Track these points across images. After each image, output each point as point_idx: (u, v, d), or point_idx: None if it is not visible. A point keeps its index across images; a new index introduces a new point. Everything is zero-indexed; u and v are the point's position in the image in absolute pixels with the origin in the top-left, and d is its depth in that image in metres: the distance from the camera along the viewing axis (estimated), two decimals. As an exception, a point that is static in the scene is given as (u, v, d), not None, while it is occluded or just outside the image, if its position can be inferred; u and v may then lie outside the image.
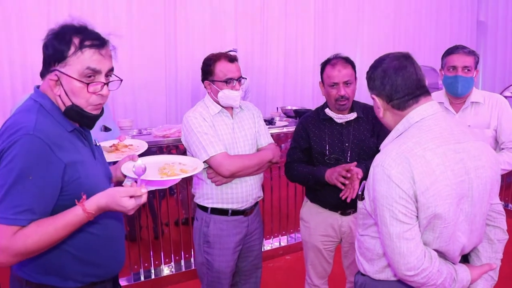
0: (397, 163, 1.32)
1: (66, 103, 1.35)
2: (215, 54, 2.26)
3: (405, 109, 1.44)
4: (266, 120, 3.86)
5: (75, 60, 1.31)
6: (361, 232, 1.57)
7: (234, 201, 2.25)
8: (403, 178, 1.31)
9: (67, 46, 1.30)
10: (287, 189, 3.98)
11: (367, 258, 1.54)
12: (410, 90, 1.43)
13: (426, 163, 1.31)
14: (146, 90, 4.88)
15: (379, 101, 1.49)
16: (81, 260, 1.42)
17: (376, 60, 1.52)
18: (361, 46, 6.34)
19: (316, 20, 5.89)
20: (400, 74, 1.43)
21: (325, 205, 2.38)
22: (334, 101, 2.26)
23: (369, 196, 1.44)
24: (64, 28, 1.33)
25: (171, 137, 3.32)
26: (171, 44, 4.98)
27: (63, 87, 1.32)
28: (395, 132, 1.47)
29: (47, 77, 1.34)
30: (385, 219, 1.34)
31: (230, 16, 5.29)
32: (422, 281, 1.35)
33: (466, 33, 7.27)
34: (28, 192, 1.23)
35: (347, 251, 2.48)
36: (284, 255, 3.98)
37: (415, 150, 1.33)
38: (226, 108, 2.26)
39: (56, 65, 1.31)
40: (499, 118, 2.42)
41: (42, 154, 1.24)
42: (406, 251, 1.32)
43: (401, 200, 1.31)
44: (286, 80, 5.81)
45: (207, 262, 2.29)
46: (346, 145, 2.28)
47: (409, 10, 6.67)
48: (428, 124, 1.40)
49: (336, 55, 2.31)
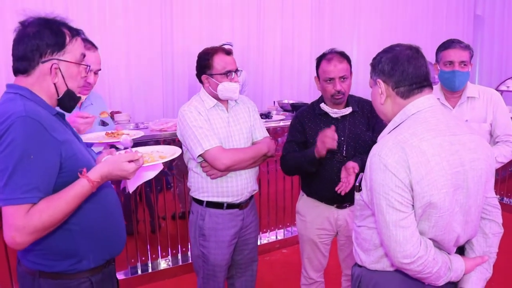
0: (393, 153, 1.34)
1: (61, 89, 1.44)
2: (211, 47, 2.27)
3: (408, 97, 1.46)
4: (263, 114, 3.87)
5: (71, 47, 1.43)
6: (358, 223, 1.59)
7: (230, 194, 2.26)
8: (399, 167, 1.33)
9: (63, 36, 1.41)
10: (284, 182, 3.99)
11: (364, 248, 1.56)
12: (418, 80, 1.45)
13: (421, 153, 1.33)
14: (143, 84, 4.88)
15: (384, 86, 1.49)
16: (88, 236, 1.48)
17: (387, 47, 1.54)
18: (357, 40, 6.35)
19: (312, 14, 5.88)
20: (413, 63, 1.45)
21: (321, 198, 2.39)
22: (330, 96, 2.26)
23: (366, 186, 1.46)
24: (49, 21, 1.42)
25: (168, 131, 3.32)
26: (167, 39, 4.98)
27: (62, 74, 1.42)
28: (392, 124, 1.49)
29: (41, 67, 1.39)
30: (381, 208, 1.36)
31: (227, 11, 5.28)
32: (418, 269, 1.37)
33: (463, 27, 7.27)
34: (32, 171, 1.28)
35: (343, 244, 2.50)
36: (281, 248, 4.00)
37: (411, 141, 1.35)
38: (221, 102, 2.27)
39: (54, 55, 1.39)
40: (494, 112, 2.44)
41: (38, 133, 1.30)
42: (402, 239, 1.34)
43: (397, 188, 1.33)
44: (283, 74, 5.81)
45: (203, 255, 2.31)
46: (342, 139, 2.29)
47: (406, 5, 6.67)
48: (424, 116, 1.42)
49: (332, 49, 2.30)
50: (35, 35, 1.37)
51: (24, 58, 1.38)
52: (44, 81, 1.41)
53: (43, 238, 1.35)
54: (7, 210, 1.26)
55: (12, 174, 1.25)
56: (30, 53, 1.38)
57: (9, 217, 1.25)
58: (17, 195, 1.25)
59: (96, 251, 1.52)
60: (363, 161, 2.19)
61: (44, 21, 1.41)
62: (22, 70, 1.40)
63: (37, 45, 1.37)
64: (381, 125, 2.37)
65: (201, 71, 2.24)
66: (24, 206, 1.26)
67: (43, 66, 1.39)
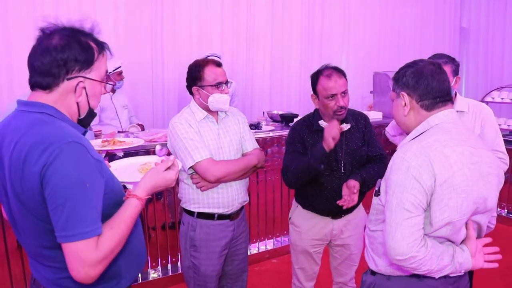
0: (417, 156, 1.40)
1: (83, 108, 1.34)
2: (202, 59, 2.30)
3: (432, 110, 1.52)
4: (252, 125, 3.89)
5: (98, 64, 1.33)
6: (372, 227, 1.64)
7: (220, 205, 2.28)
8: (423, 170, 1.38)
9: (92, 52, 1.31)
10: (273, 193, 4.01)
11: (380, 252, 1.59)
12: (442, 94, 1.52)
13: (445, 158, 1.39)
14: (132, 94, 4.88)
15: (407, 98, 1.55)
16: (127, 255, 1.42)
17: (410, 62, 1.59)
18: (346, 53, 6.41)
19: (302, 25, 5.94)
20: (436, 78, 1.51)
21: (318, 211, 2.40)
22: (332, 113, 2.24)
23: (385, 187, 1.51)
24: (76, 33, 1.31)
25: (157, 141, 3.33)
26: (157, 50, 4.99)
27: (86, 92, 1.32)
28: (415, 132, 1.54)
29: (66, 84, 1.28)
30: (391, 205, 1.42)
31: (217, 21, 5.31)
32: (413, 266, 1.42)
33: (449, 40, 7.39)
34: (91, 200, 1.20)
35: (337, 252, 2.50)
36: (271, 258, 4.01)
37: (434, 146, 1.41)
38: (211, 114, 2.29)
39: (81, 72, 1.29)
40: (482, 127, 2.41)
41: (86, 158, 1.21)
42: (400, 237, 1.39)
43: (413, 190, 1.39)
44: (273, 84, 5.84)
45: (194, 266, 2.31)
46: (340, 155, 2.30)
47: (394, 18, 6.77)
48: (447, 126, 1.49)
49: (326, 65, 2.30)
50: (64, 48, 1.25)
51: (49, 73, 1.25)
52: (66, 99, 1.29)
53: None
54: (75, 246, 1.16)
55: (72, 208, 1.16)
56: (56, 68, 1.25)
57: (79, 253, 1.16)
58: (82, 229, 1.16)
59: (132, 269, 1.47)
60: (362, 177, 2.23)
61: (71, 32, 1.30)
62: (44, 85, 1.27)
63: (65, 60, 1.25)
64: (375, 139, 2.41)
65: (192, 83, 2.26)
66: (93, 239, 1.18)
67: (68, 83, 1.27)
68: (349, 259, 2.49)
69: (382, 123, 4.36)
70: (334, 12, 6.20)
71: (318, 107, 2.34)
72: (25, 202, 1.21)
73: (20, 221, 1.29)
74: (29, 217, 1.24)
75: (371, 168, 2.31)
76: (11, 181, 1.22)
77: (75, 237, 1.16)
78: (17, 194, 1.21)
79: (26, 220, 1.26)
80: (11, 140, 1.22)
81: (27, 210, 1.22)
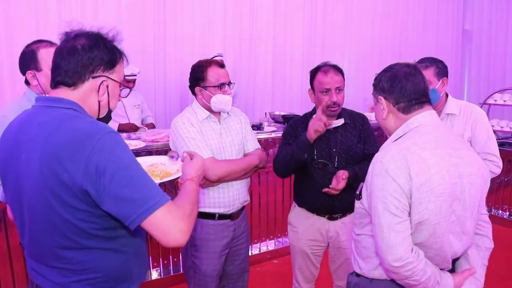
0: (395, 159, 1.41)
1: (104, 108, 1.38)
2: (205, 60, 2.31)
3: (410, 113, 1.53)
4: (254, 125, 3.91)
5: (118, 67, 1.39)
6: (357, 231, 1.64)
7: (221, 205, 2.28)
8: (400, 173, 1.39)
9: (115, 53, 1.37)
10: (275, 194, 4.02)
11: (364, 256, 1.61)
12: (417, 96, 1.53)
13: (422, 161, 1.40)
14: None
15: (385, 102, 1.57)
16: (137, 258, 1.44)
17: (386, 67, 1.62)
18: (348, 54, 6.41)
19: (305, 26, 5.95)
20: (410, 80, 1.53)
21: (312, 209, 2.42)
22: (325, 107, 2.29)
23: (367, 191, 1.52)
24: (102, 36, 1.36)
25: (160, 141, 3.34)
26: (160, 50, 5.00)
27: (109, 92, 1.36)
28: (394, 135, 1.56)
29: (90, 83, 1.32)
30: (378, 211, 1.42)
31: (219, 22, 5.32)
32: (406, 274, 1.41)
33: (451, 42, 7.39)
34: (147, 175, 1.24)
35: (334, 255, 2.52)
36: (272, 259, 4.01)
37: (412, 149, 1.42)
38: (213, 114, 2.30)
39: (105, 72, 1.34)
40: (472, 129, 2.36)
41: (126, 145, 1.26)
42: (394, 242, 1.39)
43: (395, 193, 1.39)
44: (275, 85, 5.85)
45: (194, 266, 2.32)
46: (334, 150, 2.33)
47: (396, 19, 6.77)
48: (426, 129, 1.49)
49: (326, 62, 2.36)
50: (91, 48, 1.31)
51: (75, 71, 1.30)
52: (89, 97, 1.33)
53: (103, 263, 1.31)
54: (155, 218, 1.18)
55: (136, 186, 1.18)
56: (82, 67, 1.30)
57: (165, 221, 1.19)
58: (154, 200, 1.19)
59: (140, 273, 1.48)
60: (354, 171, 2.25)
61: (98, 35, 1.35)
62: (70, 83, 1.30)
63: (92, 59, 1.30)
64: (372, 138, 2.43)
65: (195, 83, 2.27)
66: (167, 204, 1.20)
67: (93, 82, 1.32)
68: (345, 263, 2.49)
69: (384, 125, 4.35)
70: (337, 13, 6.20)
71: (314, 101, 2.40)
72: (59, 197, 1.21)
73: (40, 220, 1.27)
74: (55, 214, 1.23)
75: (365, 164, 2.32)
76: (42, 176, 1.21)
77: (151, 208, 1.18)
78: (50, 189, 1.21)
79: (50, 218, 1.24)
80: (39, 134, 1.23)
81: (58, 205, 1.22)
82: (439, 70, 2.36)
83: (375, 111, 1.66)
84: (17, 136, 1.30)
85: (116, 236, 1.33)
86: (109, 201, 1.18)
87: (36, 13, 4.17)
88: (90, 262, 1.30)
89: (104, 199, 1.18)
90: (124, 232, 1.34)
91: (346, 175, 2.20)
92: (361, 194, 1.59)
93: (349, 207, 2.37)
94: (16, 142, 1.29)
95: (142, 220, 1.17)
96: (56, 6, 4.28)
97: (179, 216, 1.22)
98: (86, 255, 1.29)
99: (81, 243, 1.26)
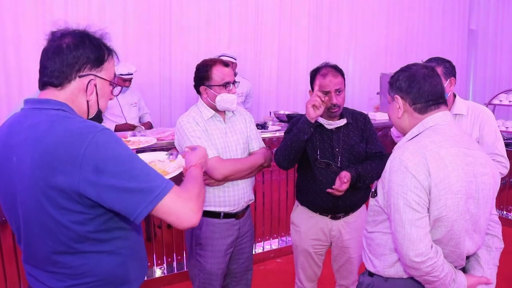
0: (414, 156, 1.43)
1: (93, 108, 1.35)
2: (210, 59, 2.31)
3: (425, 113, 1.55)
4: (259, 124, 3.91)
5: (107, 65, 1.35)
6: (370, 229, 1.65)
7: (226, 204, 2.29)
8: (419, 169, 1.41)
9: (102, 51, 1.33)
10: (279, 193, 4.02)
11: (377, 254, 1.62)
12: (434, 97, 1.54)
13: (440, 159, 1.42)
14: (140, 93, 4.92)
15: (401, 102, 1.58)
16: (135, 260, 1.42)
17: (404, 66, 1.63)
18: (353, 53, 6.41)
19: (310, 26, 5.95)
20: (428, 81, 1.54)
21: (315, 208, 2.43)
22: (326, 109, 2.31)
23: (384, 189, 1.53)
24: (88, 34, 1.33)
25: (165, 140, 3.35)
26: (165, 49, 5.02)
27: (97, 91, 1.33)
28: (410, 134, 1.57)
29: (77, 82, 1.29)
30: (398, 207, 1.44)
31: (225, 21, 5.34)
32: (427, 270, 1.43)
33: (457, 42, 7.36)
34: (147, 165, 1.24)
35: (337, 255, 2.52)
36: (275, 258, 4.02)
37: (430, 147, 1.44)
38: (218, 113, 2.31)
39: (92, 71, 1.31)
40: (480, 130, 2.36)
41: (121, 140, 1.24)
42: (416, 237, 1.41)
43: (416, 189, 1.41)
44: (280, 85, 5.86)
45: (199, 264, 2.33)
46: (336, 150, 2.34)
47: (401, 19, 6.75)
48: (441, 128, 1.51)
49: (326, 63, 2.36)
50: (76, 46, 1.27)
51: (61, 71, 1.27)
52: (77, 97, 1.30)
53: (99, 266, 1.29)
54: (166, 201, 1.18)
55: (138, 178, 1.17)
56: (68, 66, 1.27)
57: (175, 204, 1.20)
58: (162, 184, 1.19)
59: (139, 274, 1.45)
60: (357, 171, 2.25)
61: (83, 33, 1.32)
62: (56, 83, 1.27)
63: (77, 58, 1.27)
64: (375, 137, 2.43)
65: (200, 82, 2.28)
66: (173, 189, 1.21)
67: (80, 81, 1.29)
68: (348, 262, 2.49)
69: (389, 124, 4.35)
70: (342, 13, 6.20)
71: None
72: (52, 200, 1.18)
73: (34, 224, 1.25)
74: (48, 218, 1.21)
75: (368, 164, 2.33)
76: (34, 179, 1.18)
77: (158, 197, 1.17)
78: (43, 192, 1.18)
79: (43, 222, 1.22)
80: (29, 137, 1.21)
81: (51, 209, 1.19)
82: (447, 70, 2.36)
83: (389, 109, 1.67)
84: (7, 139, 1.27)
85: (112, 238, 1.30)
86: (113, 198, 1.16)
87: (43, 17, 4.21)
88: (85, 266, 1.28)
89: (107, 197, 1.16)
90: (120, 233, 1.32)
91: (348, 177, 2.20)
92: (376, 192, 1.60)
93: (352, 207, 2.40)
94: (7, 145, 1.26)
95: (149, 211, 1.17)
96: (63, 11, 4.33)
97: (188, 197, 1.23)
98: (81, 259, 1.27)
99: (75, 247, 1.24)
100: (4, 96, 4.17)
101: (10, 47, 4.14)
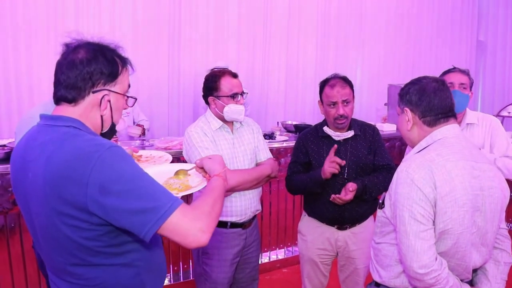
0: (421, 169, 1.45)
1: (107, 122, 1.35)
2: (219, 70, 2.34)
3: (434, 126, 1.57)
4: (266, 135, 3.93)
5: (121, 78, 1.34)
6: (377, 240, 1.67)
7: (233, 214, 2.31)
8: (425, 182, 1.42)
9: (116, 65, 1.32)
10: (286, 203, 4.03)
11: (384, 264, 1.63)
12: (444, 111, 1.56)
13: (446, 172, 1.43)
14: (149, 103, 4.97)
15: (410, 114, 1.60)
16: (152, 271, 1.40)
17: (414, 79, 1.65)
18: (361, 65, 6.43)
19: (318, 37, 5.98)
20: (438, 95, 1.56)
21: (322, 219, 2.43)
22: (333, 120, 2.33)
23: (390, 200, 1.55)
24: (101, 47, 1.31)
25: (173, 149, 3.38)
26: (174, 60, 5.08)
27: (111, 105, 1.32)
28: (418, 147, 1.59)
29: (91, 97, 1.28)
30: (404, 219, 1.45)
31: (233, 32, 5.39)
32: (431, 282, 1.44)
33: (466, 53, 7.35)
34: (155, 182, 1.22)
35: (343, 265, 2.52)
36: (281, 268, 4.01)
37: (437, 160, 1.46)
38: (226, 123, 2.33)
39: (106, 86, 1.29)
40: (493, 136, 2.45)
41: (129, 156, 1.23)
42: (420, 249, 1.42)
43: (421, 202, 1.43)
44: (287, 95, 5.89)
45: (205, 273, 2.34)
46: (344, 162, 2.34)
47: (409, 30, 6.76)
48: (450, 141, 1.52)
49: (335, 75, 2.38)
50: (90, 61, 1.26)
51: (75, 86, 1.26)
52: (91, 112, 1.29)
53: (114, 278, 1.28)
54: (173, 221, 1.16)
55: (146, 196, 1.16)
56: (82, 82, 1.26)
57: (182, 223, 1.17)
58: (168, 203, 1.17)
59: (155, 284, 1.43)
60: (364, 183, 2.26)
61: (97, 46, 1.30)
62: (70, 99, 1.27)
63: (91, 73, 1.26)
64: (383, 149, 2.44)
65: (208, 93, 2.30)
66: (181, 207, 1.18)
67: (94, 96, 1.28)
68: (355, 273, 2.49)
69: (397, 135, 4.35)
70: (350, 23, 6.23)
71: (323, 113, 2.43)
72: (63, 217, 1.19)
73: (48, 237, 1.26)
74: (60, 233, 1.22)
75: (375, 176, 2.34)
76: (45, 196, 1.19)
77: (163, 216, 1.15)
78: (54, 209, 1.19)
79: (56, 237, 1.23)
80: (41, 155, 1.21)
81: (63, 226, 1.20)
82: (472, 82, 2.48)
83: (399, 121, 1.68)
84: (24, 154, 1.28)
85: (125, 252, 1.30)
86: (120, 217, 1.15)
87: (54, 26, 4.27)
88: (101, 278, 1.27)
89: (114, 216, 1.16)
90: (134, 246, 1.31)
91: (354, 187, 2.22)
92: (383, 203, 1.61)
93: (358, 218, 2.40)
94: (23, 161, 1.27)
95: (155, 230, 1.15)
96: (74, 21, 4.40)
97: (196, 216, 1.19)
98: (95, 272, 1.27)
99: (89, 260, 1.25)
100: (15, 107, 4.23)
101: (23, 56, 4.20)
